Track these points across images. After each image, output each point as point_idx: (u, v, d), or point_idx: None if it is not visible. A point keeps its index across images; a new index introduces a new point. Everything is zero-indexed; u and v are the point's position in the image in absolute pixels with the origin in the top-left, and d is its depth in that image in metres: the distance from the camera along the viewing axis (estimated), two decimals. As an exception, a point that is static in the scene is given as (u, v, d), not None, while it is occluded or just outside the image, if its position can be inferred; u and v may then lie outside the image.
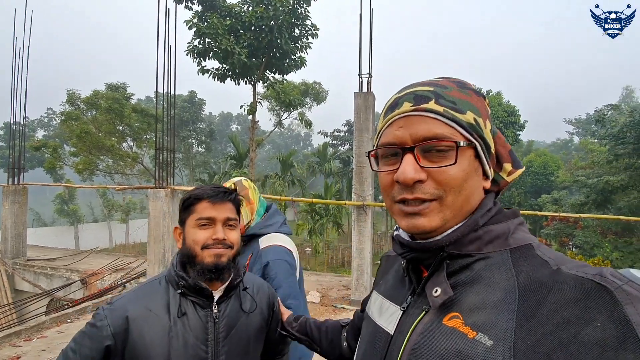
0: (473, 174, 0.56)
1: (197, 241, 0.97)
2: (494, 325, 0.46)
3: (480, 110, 0.57)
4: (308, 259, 21.48)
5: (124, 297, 0.99)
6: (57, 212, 29.52)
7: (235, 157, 21.34)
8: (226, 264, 0.98)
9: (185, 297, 0.97)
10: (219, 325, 0.98)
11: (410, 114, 0.56)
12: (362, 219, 5.68)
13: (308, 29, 13.48)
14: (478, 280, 0.52)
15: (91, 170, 18.41)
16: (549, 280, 0.46)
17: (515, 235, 0.55)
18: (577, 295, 0.42)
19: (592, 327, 0.38)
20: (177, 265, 1.01)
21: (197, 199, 1.00)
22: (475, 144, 0.56)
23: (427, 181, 0.54)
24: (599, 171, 15.98)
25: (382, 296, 0.70)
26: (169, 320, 0.93)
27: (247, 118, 40.95)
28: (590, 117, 37.46)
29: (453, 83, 0.59)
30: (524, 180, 26.03)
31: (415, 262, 0.61)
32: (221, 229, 0.99)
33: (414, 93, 0.57)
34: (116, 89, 18.97)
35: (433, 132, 0.54)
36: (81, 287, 7.60)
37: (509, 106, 19.39)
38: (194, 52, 13.01)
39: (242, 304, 1.05)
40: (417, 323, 0.55)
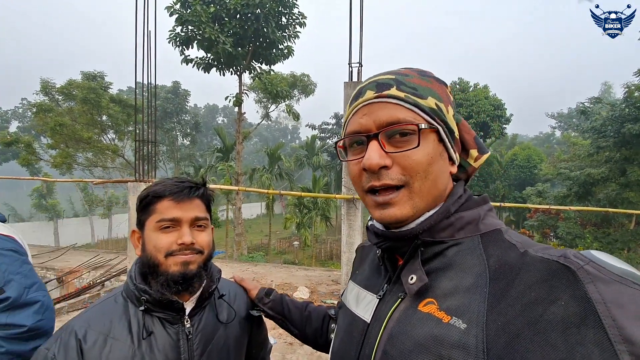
0: (438, 157, 0.56)
1: (159, 247, 0.81)
2: (467, 309, 0.47)
3: (441, 96, 0.58)
4: (296, 253, 21.39)
5: (71, 323, 0.81)
6: (35, 206, 28.43)
7: (222, 149, 20.91)
8: (196, 272, 0.83)
9: (150, 314, 0.82)
10: (194, 341, 0.84)
11: (373, 101, 0.57)
12: (352, 212, 5.55)
13: (295, 18, 13.15)
14: (451, 266, 0.53)
15: (69, 164, 17.66)
16: (517, 263, 0.47)
17: (485, 221, 0.56)
18: (543, 276, 0.43)
19: (557, 306, 0.40)
20: (136, 277, 0.84)
21: (157, 196, 0.84)
22: (438, 127, 0.56)
23: (392, 167, 0.54)
24: (581, 164, 16.34)
25: (358, 285, 0.70)
26: (132, 344, 0.78)
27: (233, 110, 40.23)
28: (572, 111, 38.49)
29: (414, 72, 0.60)
30: (508, 174, 26.51)
31: (390, 251, 0.61)
32: (188, 232, 0.83)
33: (376, 81, 0.58)
34: (93, 78, 18.13)
35: (395, 117, 0.55)
36: (57, 286, 7.25)
37: (496, 99, 19.55)
38: (176, 40, 12.51)
39: (218, 314, 0.92)
40: (394, 310, 0.56)
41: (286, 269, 7.92)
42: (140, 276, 0.85)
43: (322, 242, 22.74)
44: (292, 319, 1.01)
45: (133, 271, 0.87)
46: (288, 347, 3.95)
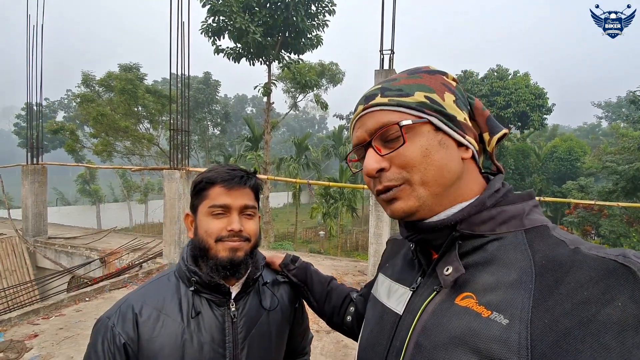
0: (436, 147, 0.55)
1: (210, 232, 0.84)
2: (509, 304, 0.45)
3: (433, 87, 0.58)
4: (322, 242, 21.56)
5: (130, 297, 0.87)
6: (80, 191, 30.45)
7: (251, 139, 21.26)
8: (243, 259, 0.85)
9: (199, 295, 0.86)
10: (238, 324, 0.87)
11: (363, 114, 0.60)
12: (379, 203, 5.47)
13: (325, 5, 12.95)
14: (492, 261, 0.51)
15: (109, 152, 18.68)
16: (567, 259, 0.45)
17: (530, 216, 0.54)
18: (598, 275, 0.41)
19: (613, 307, 0.38)
20: (187, 258, 0.88)
21: (209, 182, 0.86)
22: (429, 118, 0.55)
23: (390, 168, 0.56)
24: (630, 157, 15.11)
25: (389, 279, 0.70)
26: (182, 322, 0.82)
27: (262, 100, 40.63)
28: (622, 100, 35.52)
29: (404, 73, 0.62)
30: (546, 166, 25.06)
31: (423, 244, 0.61)
32: (237, 219, 0.85)
33: (365, 96, 0.61)
34: (129, 69, 18.94)
35: (380, 122, 0.56)
36: (100, 265, 7.73)
37: (537, 88, 18.42)
38: (208, 31, 12.73)
39: (262, 300, 0.94)
40: (428, 303, 0.54)
41: (313, 258, 7.99)
42: (191, 258, 0.88)
43: (347, 232, 22.75)
44: (314, 290, 1.02)
45: (185, 252, 0.90)
46: (314, 335, 4.00)
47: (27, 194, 8.68)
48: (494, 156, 0.64)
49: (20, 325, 4.08)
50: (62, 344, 3.66)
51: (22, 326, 4.05)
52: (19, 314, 4.19)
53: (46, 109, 39.69)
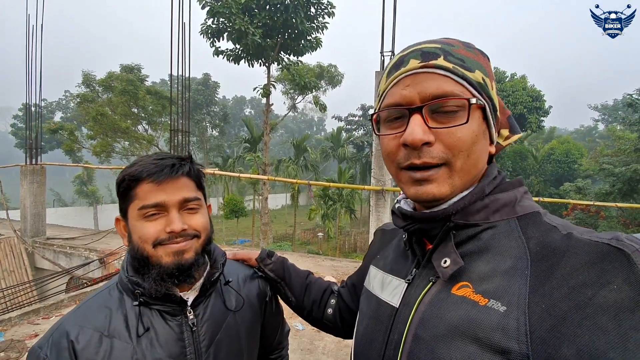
0: (481, 136, 0.53)
1: (145, 238, 0.70)
2: (506, 292, 0.45)
3: (487, 70, 0.55)
4: (320, 244, 21.54)
5: (63, 321, 0.73)
6: (77, 192, 30.34)
7: (249, 140, 21.28)
8: (193, 260, 0.73)
9: (148, 307, 0.74)
10: (199, 332, 0.77)
11: (418, 71, 0.52)
12: (380, 204, 5.50)
13: (324, 8, 13.00)
14: (487, 249, 0.51)
15: (108, 152, 18.63)
16: (561, 245, 0.45)
17: (522, 203, 0.54)
18: (593, 259, 0.41)
19: (608, 290, 0.38)
20: (128, 268, 0.75)
21: (134, 179, 0.71)
22: (485, 104, 0.53)
23: (435, 144, 0.51)
24: (627, 159, 15.22)
25: (382, 271, 0.68)
26: (130, 341, 0.71)
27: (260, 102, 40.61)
28: (619, 103, 35.80)
29: (459, 42, 0.55)
30: (544, 168, 25.17)
31: (418, 234, 0.59)
32: (177, 216, 0.71)
33: (420, 50, 0.53)
34: (130, 70, 18.94)
35: (443, 90, 0.50)
36: (99, 266, 7.71)
37: (534, 90, 18.55)
38: (208, 32, 12.75)
39: (225, 301, 0.83)
40: (425, 294, 0.53)
41: (312, 259, 7.99)
42: (132, 268, 0.75)
43: (346, 234, 22.75)
44: (292, 285, 0.96)
45: (126, 262, 0.77)
46: (316, 334, 4.00)
47: (26, 195, 8.66)
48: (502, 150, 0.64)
49: (21, 325, 4.07)
50: (63, 343, 3.67)
51: (22, 326, 4.04)
52: (19, 314, 4.18)
53: (44, 109, 39.55)
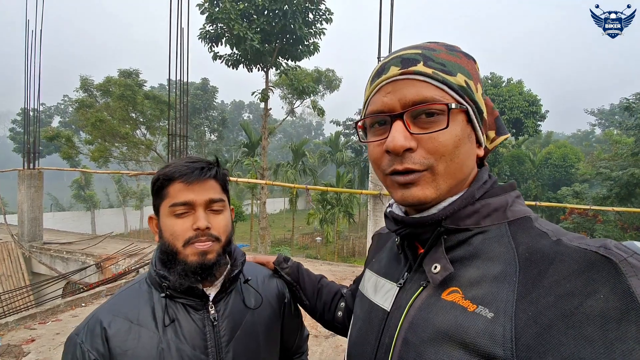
0: (466, 140, 0.53)
1: (175, 235, 0.78)
2: (494, 298, 0.45)
3: (470, 73, 0.55)
4: (319, 248, 21.50)
5: (98, 311, 0.81)
6: (75, 197, 30.24)
7: (248, 145, 21.30)
8: (215, 261, 0.79)
9: (174, 300, 0.80)
10: (220, 328, 0.81)
11: (398, 78, 0.53)
12: (378, 208, 5.51)
13: (322, 14, 13.10)
14: (477, 255, 0.51)
15: (106, 157, 18.61)
16: (550, 251, 0.45)
17: (513, 208, 0.54)
18: (580, 268, 0.41)
19: (595, 299, 0.38)
20: (156, 263, 0.83)
21: (167, 179, 0.79)
22: (467, 107, 0.53)
23: (417, 150, 0.51)
24: (623, 163, 15.32)
25: (376, 274, 0.68)
26: (157, 331, 0.77)
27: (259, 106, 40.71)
28: (615, 108, 36.10)
29: (441, 46, 0.56)
30: (541, 173, 25.28)
31: (410, 238, 0.60)
32: (203, 215, 0.78)
33: (400, 57, 0.54)
34: (129, 75, 18.96)
35: (422, 96, 0.51)
36: (96, 271, 7.68)
37: (530, 95, 18.67)
38: (206, 38, 12.82)
39: (244, 299, 0.88)
40: (415, 298, 0.54)
41: (310, 263, 7.98)
42: (160, 262, 0.82)
43: (344, 238, 22.72)
44: (306, 288, 1.00)
45: (154, 257, 0.84)
46: (313, 340, 4.00)
47: (23, 199, 8.63)
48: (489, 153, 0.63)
49: (18, 329, 4.04)
50: (59, 349, 3.64)
51: (19, 331, 4.02)
52: (16, 319, 4.16)
53: (42, 114, 39.57)
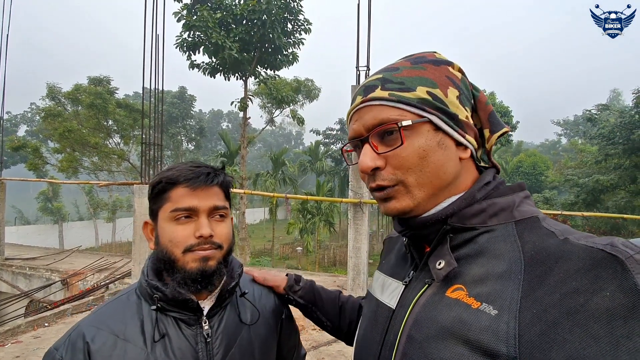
0: (435, 148, 0.54)
1: (176, 241, 0.73)
2: (499, 295, 0.46)
3: (436, 81, 0.56)
4: (299, 258, 21.25)
5: (81, 323, 0.75)
6: (41, 210, 28.62)
7: (226, 154, 20.95)
8: (215, 268, 0.75)
9: (165, 314, 0.75)
10: (213, 345, 0.76)
11: (361, 107, 0.57)
12: (358, 216, 5.49)
13: (301, 24, 13.21)
14: (482, 253, 0.51)
15: (75, 168, 17.76)
16: (556, 250, 0.45)
17: (521, 208, 0.54)
18: (587, 265, 0.41)
19: (601, 297, 0.38)
20: (148, 273, 0.78)
21: (170, 183, 0.75)
22: (429, 118, 0.54)
23: (385, 167, 0.55)
24: (589, 171, 16.18)
25: (384, 274, 0.70)
26: (145, 347, 0.71)
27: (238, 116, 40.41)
28: (579, 118, 38.28)
29: (407, 61, 0.58)
30: (513, 180, 26.27)
31: (416, 238, 0.61)
32: (207, 222, 0.74)
33: (365, 85, 0.59)
34: (99, 82, 18.28)
35: (379, 118, 0.55)
36: (62, 287, 7.22)
37: (502, 107, 19.41)
38: (184, 46, 12.61)
39: (240, 314, 0.83)
40: (420, 296, 0.55)
41: (291, 274, 7.86)
42: (153, 272, 0.78)
43: (325, 248, 22.60)
44: (325, 309, 0.93)
45: (146, 266, 0.80)
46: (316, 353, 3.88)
47: (-18, 212, 8.07)
48: (492, 152, 0.63)
49: (-31, 355, 3.70)
50: (16, 374, 3.35)
51: (-30, 356, 3.68)
52: (-32, 343, 3.81)
53: (7, 122, 37.58)
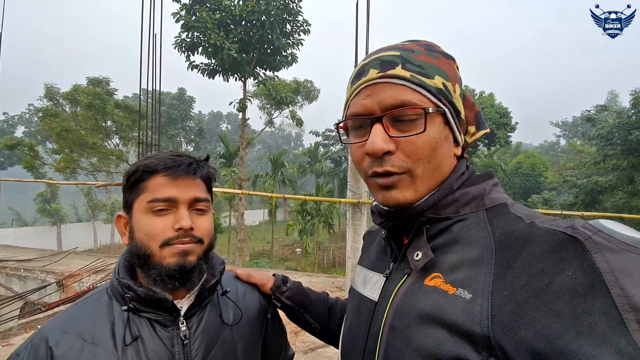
0: (443, 141, 0.54)
1: (152, 234, 0.67)
2: (472, 280, 0.47)
3: (449, 74, 0.56)
4: (298, 260, 21.17)
5: (45, 327, 0.69)
6: (39, 211, 28.50)
7: (225, 155, 20.90)
8: (195, 264, 0.69)
9: (138, 315, 0.69)
10: (191, 346, 0.71)
11: (377, 82, 0.54)
12: (357, 217, 5.44)
13: (300, 25, 13.20)
14: (457, 241, 0.53)
15: (73, 169, 17.70)
16: (523, 234, 0.47)
17: (491, 195, 0.56)
18: (550, 247, 0.43)
19: (564, 276, 0.40)
20: (120, 270, 0.72)
21: (148, 171, 0.69)
22: (445, 110, 0.54)
23: (396, 152, 0.53)
24: (587, 172, 16.18)
25: (365, 268, 0.70)
26: (115, 351, 0.65)
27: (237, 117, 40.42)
28: (577, 120, 38.38)
29: (421, 46, 0.56)
30: (512, 181, 26.27)
31: (395, 230, 0.61)
32: (187, 214, 0.69)
33: (379, 59, 0.55)
34: (98, 83, 18.26)
35: (400, 99, 0.52)
36: (57, 289, 7.15)
37: (501, 108, 19.44)
38: (182, 46, 12.58)
39: (222, 314, 0.78)
40: (400, 286, 0.55)
41: (289, 275, 7.78)
42: (125, 270, 0.72)
43: (324, 249, 22.52)
44: (314, 310, 0.90)
45: (118, 263, 0.74)
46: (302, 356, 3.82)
47: (-23, 213, 8.00)
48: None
49: (-42, 358, 3.63)
50: (7, 378, 3.28)
51: (-40, 360, 3.61)
52: (-42, 346, 3.74)
53: (5, 123, 37.48)
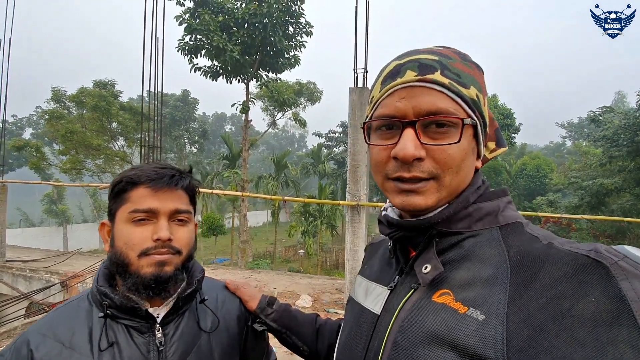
0: (470, 153, 0.53)
1: (131, 244, 0.70)
2: (485, 300, 0.45)
3: (481, 85, 0.54)
4: (301, 261, 21.18)
5: (28, 330, 0.72)
6: (46, 212, 28.86)
7: (228, 157, 21.03)
8: (171, 274, 0.71)
9: (116, 321, 0.72)
10: (167, 353, 0.73)
11: (414, 85, 0.51)
12: (356, 219, 5.45)
13: (302, 27, 13.26)
14: (468, 257, 0.51)
15: (78, 170, 17.93)
16: (541, 254, 0.45)
17: (505, 213, 0.54)
18: (572, 271, 0.41)
19: (586, 302, 0.38)
20: (99, 278, 0.75)
21: (131, 182, 0.72)
22: (477, 122, 0.52)
23: (426, 159, 0.51)
24: (593, 173, 16.00)
25: (367, 279, 0.68)
26: (92, 356, 0.68)
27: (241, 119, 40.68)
28: (583, 121, 37.99)
29: (456, 54, 0.55)
30: (517, 183, 26.05)
31: (402, 241, 0.60)
32: (166, 225, 0.71)
33: (418, 61, 0.52)
34: (104, 85, 18.51)
35: (437, 106, 0.50)
36: (61, 289, 7.24)
37: (505, 109, 19.30)
38: (185, 49, 12.70)
39: (199, 321, 0.79)
40: (406, 301, 0.53)
41: (289, 277, 7.80)
42: (104, 277, 0.75)
43: (327, 250, 22.52)
44: (301, 332, 0.88)
45: (99, 270, 0.77)
46: (289, 357, 3.84)
47: (-17, 214, 8.13)
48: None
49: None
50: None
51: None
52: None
53: (13, 125, 38.01)
